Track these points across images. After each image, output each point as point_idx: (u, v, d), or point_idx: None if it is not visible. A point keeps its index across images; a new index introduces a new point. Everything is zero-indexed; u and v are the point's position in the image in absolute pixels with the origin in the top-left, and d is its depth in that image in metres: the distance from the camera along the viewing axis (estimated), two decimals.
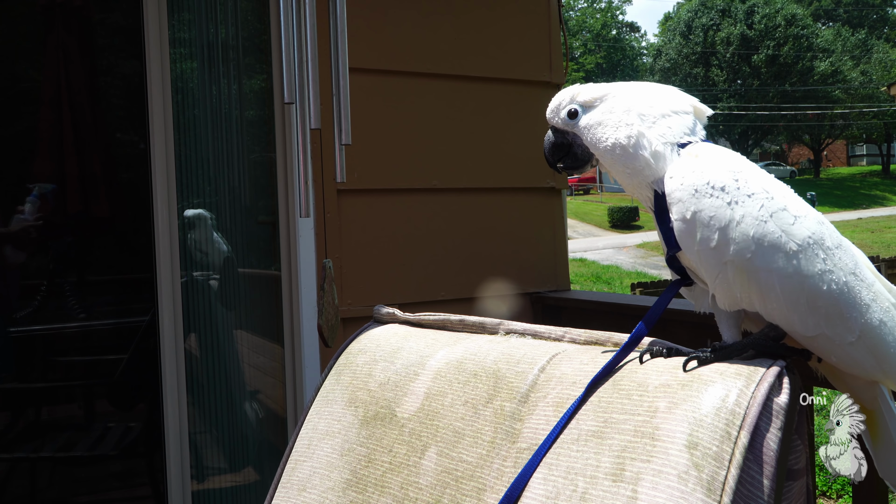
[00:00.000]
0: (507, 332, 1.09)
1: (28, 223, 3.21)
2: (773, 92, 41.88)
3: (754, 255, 0.81)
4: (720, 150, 0.89)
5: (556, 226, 2.99)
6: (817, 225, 0.83)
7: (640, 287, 14.81)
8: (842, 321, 0.82)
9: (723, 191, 0.83)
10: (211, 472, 2.71)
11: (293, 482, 1.10)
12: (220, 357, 2.70)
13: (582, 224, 30.99)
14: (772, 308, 0.83)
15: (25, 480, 3.43)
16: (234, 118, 2.75)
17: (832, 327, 0.82)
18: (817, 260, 0.82)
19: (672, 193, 0.85)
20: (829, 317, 0.82)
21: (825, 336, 0.83)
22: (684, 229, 0.85)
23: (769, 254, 0.81)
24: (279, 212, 2.61)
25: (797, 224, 0.82)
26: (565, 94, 0.95)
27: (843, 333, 0.83)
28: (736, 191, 0.83)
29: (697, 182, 0.84)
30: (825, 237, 0.83)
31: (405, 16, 2.72)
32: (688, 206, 0.84)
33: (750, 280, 0.83)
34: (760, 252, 0.81)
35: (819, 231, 0.83)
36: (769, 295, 0.82)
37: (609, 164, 0.91)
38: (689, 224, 0.84)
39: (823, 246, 0.82)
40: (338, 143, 1.84)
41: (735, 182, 0.84)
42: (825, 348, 0.85)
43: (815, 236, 0.82)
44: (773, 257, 0.81)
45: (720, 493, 0.73)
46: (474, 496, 0.90)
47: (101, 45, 5.08)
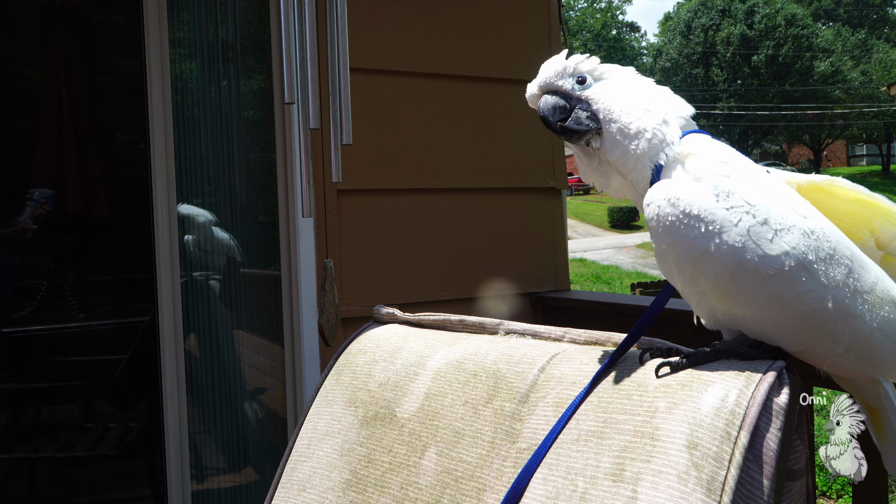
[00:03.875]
0: (507, 333, 1.08)
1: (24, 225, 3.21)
2: (773, 92, 41.87)
3: (731, 282, 0.80)
4: (710, 148, 0.88)
5: (556, 226, 2.99)
6: (801, 238, 0.80)
7: (640, 287, 14.82)
8: (828, 336, 0.81)
9: (698, 220, 0.81)
10: (211, 472, 2.71)
11: (293, 482, 1.10)
12: (220, 357, 2.70)
13: (582, 224, 30.99)
14: (755, 327, 0.83)
15: (25, 480, 3.43)
16: (234, 118, 2.75)
17: (818, 342, 0.81)
18: (798, 281, 0.79)
19: (649, 223, 0.85)
20: (814, 333, 0.81)
21: (812, 350, 0.82)
22: (661, 260, 0.86)
23: (747, 280, 0.80)
24: (279, 212, 2.61)
25: (777, 240, 0.79)
26: (571, 61, 0.93)
27: (830, 346, 0.81)
28: (713, 214, 0.80)
29: (672, 215, 0.82)
30: (809, 251, 0.79)
31: (405, 16, 2.72)
32: (663, 239, 0.83)
33: (729, 303, 0.82)
34: (738, 279, 0.80)
35: (803, 245, 0.79)
36: (750, 316, 0.82)
37: (614, 136, 0.89)
38: (664, 256, 0.85)
39: (806, 262, 0.79)
40: (334, 143, 1.84)
41: (715, 199, 0.81)
42: (813, 360, 0.84)
43: (798, 253, 0.79)
44: (751, 283, 0.80)
45: (720, 493, 0.73)
46: (474, 496, 0.90)
47: (101, 45, 5.08)
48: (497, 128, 2.86)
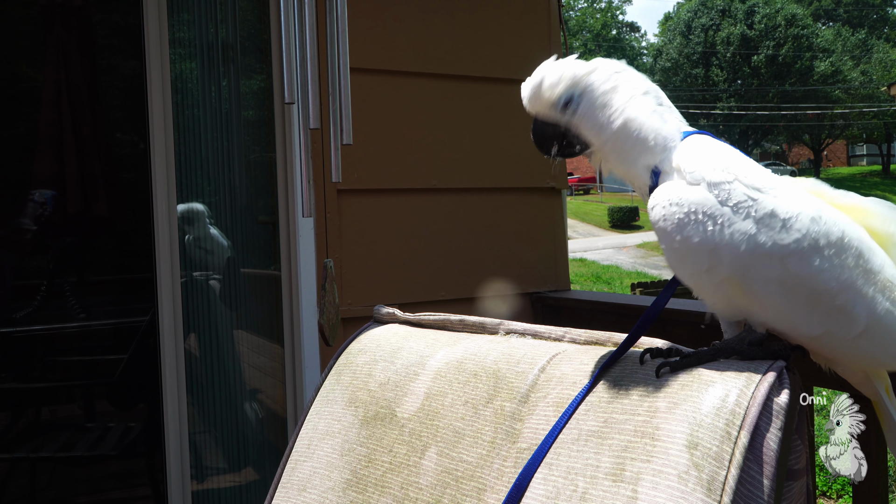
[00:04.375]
0: (508, 332, 1.08)
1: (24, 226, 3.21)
2: (773, 92, 41.88)
3: (749, 267, 0.81)
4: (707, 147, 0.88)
5: (556, 226, 2.99)
6: (810, 223, 0.82)
7: (640, 287, 14.82)
8: (845, 316, 0.82)
9: (706, 215, 0.82)
10: (211, 472, 2.71)
11: (293, 482, 1.10)
12: (220, 357, 2.70)
13: (582, 224, 30.99)
14: (773, 314, 0.84)
15: (25, 480, 3.43)
16: (234, 118, 2.75)
17: (835, 324, 0.82)
18: (814, 257, 0.81)
19: (656, 224, 0.85)
20: (831, 314, 0.82)
21: (830, 333, 0.83)
22: (675, 259, 0.86)
23: (765, 262, 0.81)
24: (279, 212, 2.61)
25: (789, 223, 0.81)
26: (547, 89, 0.90)
27: (847, 328, 0.82)
28: (720, 207, 0.82)
29: (679, 213, 0.83)
30: (820, 235, 0.82)
31: (405, 16, 2.72)
32: (674, 237, 0.84)
33: (747, 291, 0.83)
34: (755, 265, 0.81)
35: (813, 230, 0.82)
36: (768, 303, 0.83)
37: (607, 156, 0.90)
38: (678, 253, 0.85)
39: (818, 245, 0.81)
40: (334, 143, 1.84)
41: (716, 198, 0.83)
42: (829, 346, 0.85)
43: (809, 236, 0.81)
44: (769, 264, 0.81)
45: (720, 493, 0.73)
46: (474, 496, 0.90)
47: (101, 45, 5.08)
48: (497, 128, 2.86)
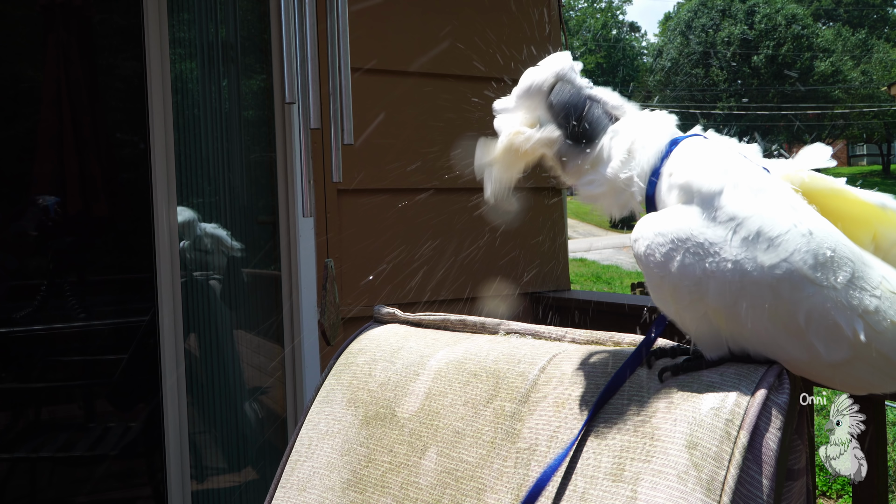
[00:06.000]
0: (508, 332, 1.08)
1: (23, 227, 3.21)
2: (772, 92, 41.87)
3: (738, 295, 0.79)
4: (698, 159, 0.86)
5: (556, 226, 2.99)
6: (801, 238, 0.79)
7: (639, 287, 14.77)
8: (841, 336, 0.78)
9: (690, 243, 0.81)
10: (211, 472, 2.71)
11: (293, 482, 1.10)
12: (220, 357, 2.70)
13: (582, 224, 30.96)
14: (765, 339, 0.81)
15: (25, 480, 3.43)
16: (235, 118, 2.75)
17: (825, 348, 0.79)
18: (803, 282, 0.78)
19: (640, 258, 0.84)
20: (828, 334, 0.78)
21: (819, 356, 0.79)
22: (657, 291, 0.84)
23: (752, 290, 0.79)
24: (279, 212, 2.61)
25: (775, 246, 0.78)
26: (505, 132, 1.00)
27: (837, 351, 0.79)
28: (703, 234, 0.80)
29: (662, 243, 0.82)
30: (809, 255, 0.78)
31: (405, 16, 2.72)
32: (655, 272, 0.83)
33: (735, 319, 0.80)
34: (743, 291, 0.79)
35: (803, 248, 0.78)
36: (760, 328, 0.80)
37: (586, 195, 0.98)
38: (660, 287, 0.83)
39: (806, 266, 0.78)
40: (334, 143, 1.84)
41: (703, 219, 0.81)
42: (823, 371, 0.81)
43: (799, 256, 0.78)
44: (757, 292, 0.78)
45: (720, 492, 0.73)
46: (474, 496, 0.90)
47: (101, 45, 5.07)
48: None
